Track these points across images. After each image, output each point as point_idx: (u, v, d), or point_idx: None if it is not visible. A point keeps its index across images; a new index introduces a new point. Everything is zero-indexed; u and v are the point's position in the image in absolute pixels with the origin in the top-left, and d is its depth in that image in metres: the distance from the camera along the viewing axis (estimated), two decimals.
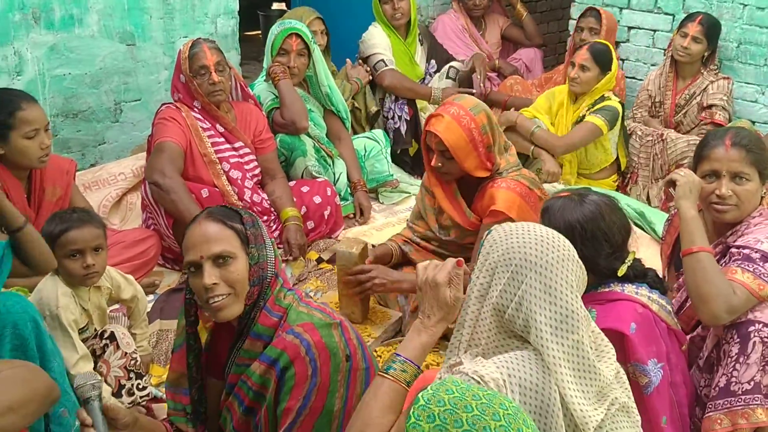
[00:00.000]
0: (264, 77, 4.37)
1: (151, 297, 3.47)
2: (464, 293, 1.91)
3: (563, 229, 2.16)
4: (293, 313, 2.04)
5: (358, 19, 5.44)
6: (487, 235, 1.94)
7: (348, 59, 5.08)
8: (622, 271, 2.32)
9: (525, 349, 1.81)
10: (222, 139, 3.87)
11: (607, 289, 2.34)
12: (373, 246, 3.52)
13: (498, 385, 1.69)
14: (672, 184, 2.60)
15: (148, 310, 3.26)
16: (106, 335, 2.73)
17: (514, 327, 1.82)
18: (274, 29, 4.32)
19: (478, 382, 1.68)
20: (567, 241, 1.87)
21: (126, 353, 2.70)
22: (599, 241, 2.29)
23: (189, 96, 3.79)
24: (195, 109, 3.81)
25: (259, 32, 8.04)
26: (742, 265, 2.39)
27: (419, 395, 1.42)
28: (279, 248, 3.87)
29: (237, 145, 3.92)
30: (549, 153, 4.58)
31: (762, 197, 2.57)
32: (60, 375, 2.35)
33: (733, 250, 2.48)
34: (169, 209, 3.58)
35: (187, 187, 3.59)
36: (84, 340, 2.72)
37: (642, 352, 2.22)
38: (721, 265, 2.48)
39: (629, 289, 2.32)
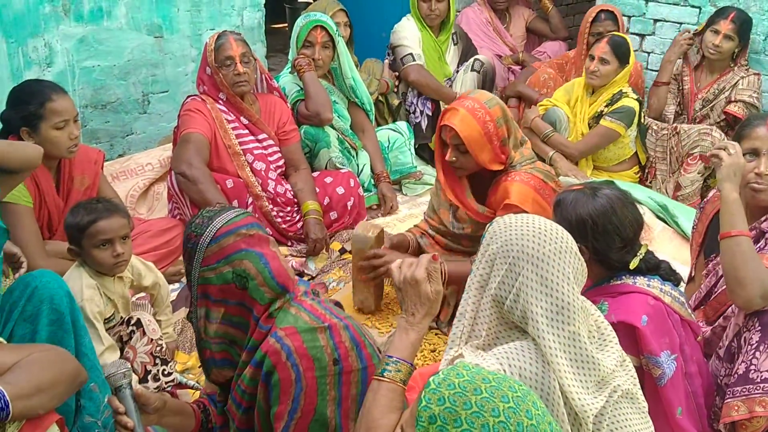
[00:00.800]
0: (289, 69, 4.42)
1: (176, 285, 3.52)
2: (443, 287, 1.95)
3: (575, 222, 2.19)
4: (281, 314, 2.03)
5: (385, 12, 5.47)
6: (488, 227, 1.96)
7: (386, 61, 5.09)
8: (634, 264, 2.33)
9: (525, 339, 1.84)
10: (246, 131, 3.92)
11: (618, 282, 2.35)
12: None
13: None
14: (715, 158, 2.57)
15: (173, 298, 3.32)
16: (132, 322, 2.78)
17: (513, 318, 1.86)
18: (300, 21, 4.37)
19: None
20: (566, 234, 1.90)
21: (152, 339, 2.75)
22: (610, 235, 2.30)
23: (214, 88, 3.84)
24: (220, 101, 3.86)
25: (286, 24, 8.07)
26: None
27: (430, 379, 1.45)
28: (301, 243, 3.94)
29: (261, 137, 3.97)
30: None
31: None
32: (90, 350, 2.40)
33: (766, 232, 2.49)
34: (195, 199, 3.63)
35: (213, 178, 3.65)
36: (110, 328, 2.78)
37: (654, 344, 2.22)
38: (756, 250, 2.48)
39: (641, 281, 2.33)
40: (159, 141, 4.68)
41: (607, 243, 2.31)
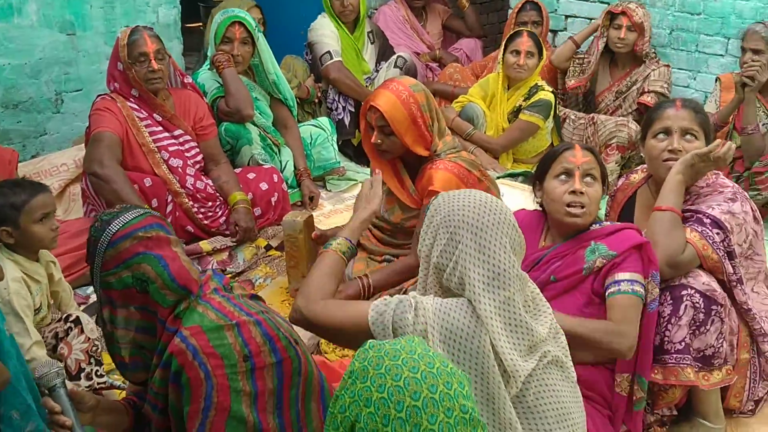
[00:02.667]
0: (208, 66, 4.37)
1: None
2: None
3: None
4: (188, 314, 2.01)
5: (302, 9, 5.47)
6: (432, 199, 2.04)
7: (311, 75, 5.11)
8: None
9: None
10: (160, 128, 3.84)
11: (598, 227, 2.51)
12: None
13: (424, 308, 1.87)
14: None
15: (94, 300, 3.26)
16: (71, 319, 2.73)
17: (451, 285, 1.93)
18: (217, 18, 4.33)
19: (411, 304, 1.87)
20: (505, 207, 1.98)
21: (90, 338, 2.70)
22: None
23: (126, 84, 3.76)
24: (131, 99, 3.78)
25: (200, 24, 7.98)
26: (692, 226, 2.54)
27: (369, 341, 1.53)
28: (226, 234, 3.90)
29: (177, 133, 3.90)
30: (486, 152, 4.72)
31: None
32: (15, 377, 2.31)
33: (687, 214, 2.61)
34: (110, 199, 3.53)
35: (127, 177, 3.56)
36: (47, 325, 2.74)
37: (656, 263, 2.41)
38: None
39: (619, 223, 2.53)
40: (73, 141, 4.56)
41: None
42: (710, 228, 2.52)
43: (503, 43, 4.84)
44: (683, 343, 2.43)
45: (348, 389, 1.47)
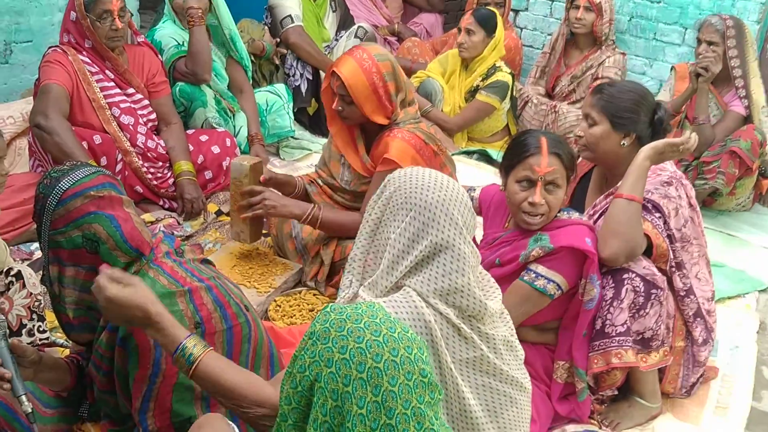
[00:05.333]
0: (165, 21, 4.27)
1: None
2: None
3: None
4: (140, 276, 1.97)
5: None
6: (390, 176, 2.02)
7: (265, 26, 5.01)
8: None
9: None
10: (112, 84, 3.76)
11: (562, 214, 2.56)
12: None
13: None
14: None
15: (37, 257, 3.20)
16: (12, 273, 2.65)
17: (404, 263, 1.91)
18: None
19: None
20: (458, 185, 1.98)
21: (31, 294, 2.63)
22: None
23: (80, 36, 3.67)
24: (84, 53, 3.69)
25: None
26: (643, 215, 2.55)
27: (330, 304, 1.55)
28: (174, 202, 3.85)
29: (129, 91, 3.82)
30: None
31: None
32: None
33: None
34: (53, 152, 3.47)
35: (72, 130, 3.49)
36: None
37: (596, 265, 2.45)
38: None
39: (575, 215, 2.56)
40: (22, 93, 4.46)
41: None
42: (653, 213, 2.57)
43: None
44: (624, 326, 2.48)
45: (308, 350, 1.48)
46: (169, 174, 3.90)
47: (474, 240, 2.00)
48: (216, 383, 1.77)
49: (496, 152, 4.62)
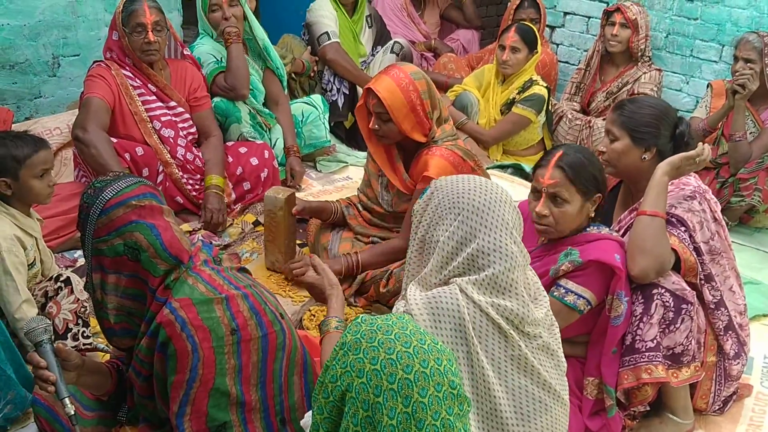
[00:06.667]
0: (202, 38, 4.35)
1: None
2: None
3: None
4: (178, 285, 2.03)
5: None
6: (430, 185, 2.06)
7: (308, 47, 5.10)
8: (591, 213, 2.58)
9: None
10: (153, 98, 3.85)
11: (585, 232, 2.57)
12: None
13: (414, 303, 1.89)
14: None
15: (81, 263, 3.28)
16: (62, 279, 2.75)
17: (452, 265, 1.94)
18: None
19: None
20: (502, 188, 2.01)
21: (79, 299, 2.72)
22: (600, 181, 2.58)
23: (122, 53, 3.76)
24: (127, 68, 3.77)
25: None
26: (669, 230, 2.56)
27: (361, 315, 1.57)
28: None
29: (171, 104, 3.91)
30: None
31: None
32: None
33: None
34: (90, 164, 3.56)
35: (110, 143, 3.56)
36: (38, 283, 2.76)
37: (624, 282, 2.46)
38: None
39: (605, 230, 2.57)
40: (68, 105, 4.58)
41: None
42: (678, 227, 2.58)
43: (498, 37, 4.86)
44: (654, 341, 2.47)
45: (340, 360, 1.51)
46: None
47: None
48: None
49: (530, 166, 4.62)
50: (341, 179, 4.67)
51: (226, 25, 4.18)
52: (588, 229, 2.57)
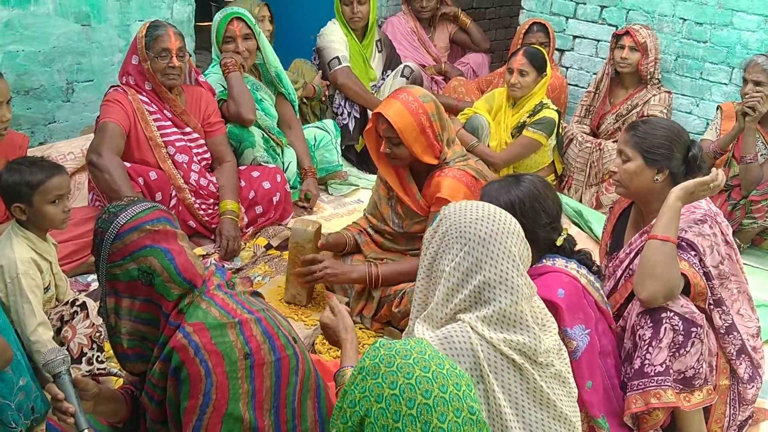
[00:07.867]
0: (214, 66, 4.41)
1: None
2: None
3: (503, 205, 2.31)
4: (191, 309, 2.03)
5: (314, 14, 5.52)
6: (441, 210, 2.07)
7: (320, 72, 5.15)
8: (559, 241, 2.49)
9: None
10: (169, 123, 3.88)
11: (539, 265, 2.49)
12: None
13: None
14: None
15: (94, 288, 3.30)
16: (78, 303, 2.76)
17: (459, 296, 1.95)
18: (217, 17, 4.39)
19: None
20: (511, 217, 2.02)
21: (94, 324, 2.72)
22: (538, 213, 2.46)
23: (141, 77, 3.80)
24: (144, 93, 3.81)
25: (212, 23, 8.03)
26: (679, 254, 2.55)
27: (380, 339, 1.58)
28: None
29: (186, 130, 3.94)
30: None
31: None
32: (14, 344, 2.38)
33: None
34: (103, 189, 3.58)
35: (124, 168, 3.59)
36: (53, 307, 2.78)
37: (567, 318, 2.36)
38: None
39: (559, 262, 2.48)
40: (82, 130, 4.62)
41: (536, 220, 2.45)
42: (688, 251, 2.57)
43: (507, 61, 4.89)
44: (664, 365, 2.46)
45: (358, 385, 1.52)
46: None
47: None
48: None
49: None
50: (352, 202, 4.70)
51: (224, 57, 4.25)
52: (543, 260, 2.52)
